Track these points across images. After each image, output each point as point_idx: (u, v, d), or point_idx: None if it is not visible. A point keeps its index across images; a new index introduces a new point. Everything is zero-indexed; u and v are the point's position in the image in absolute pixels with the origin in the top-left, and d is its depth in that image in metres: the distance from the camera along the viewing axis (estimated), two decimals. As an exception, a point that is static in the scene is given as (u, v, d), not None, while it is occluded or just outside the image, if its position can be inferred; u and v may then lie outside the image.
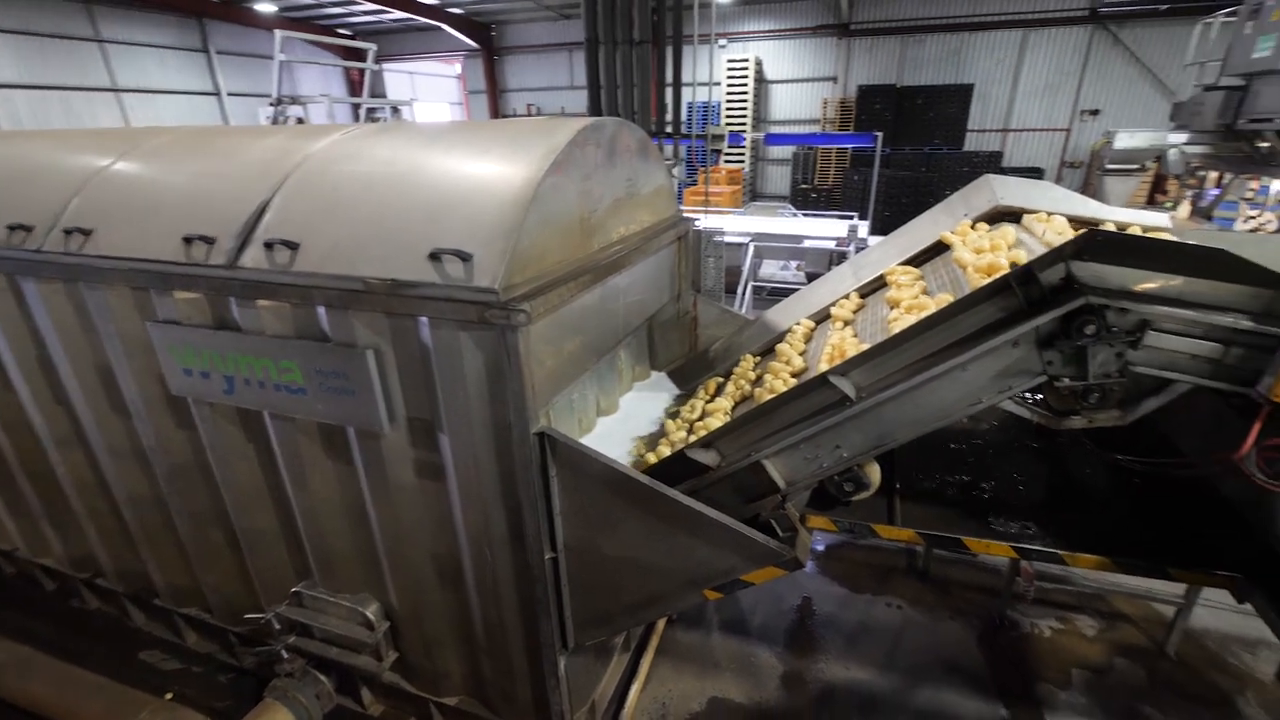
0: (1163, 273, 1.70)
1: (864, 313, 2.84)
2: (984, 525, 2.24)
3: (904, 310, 2.35)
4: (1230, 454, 1.75)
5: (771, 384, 2.54)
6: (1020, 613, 4.01)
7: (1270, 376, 1.65)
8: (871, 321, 2.61)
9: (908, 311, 2.32)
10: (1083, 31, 14.24)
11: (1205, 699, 3.45)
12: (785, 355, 2.81)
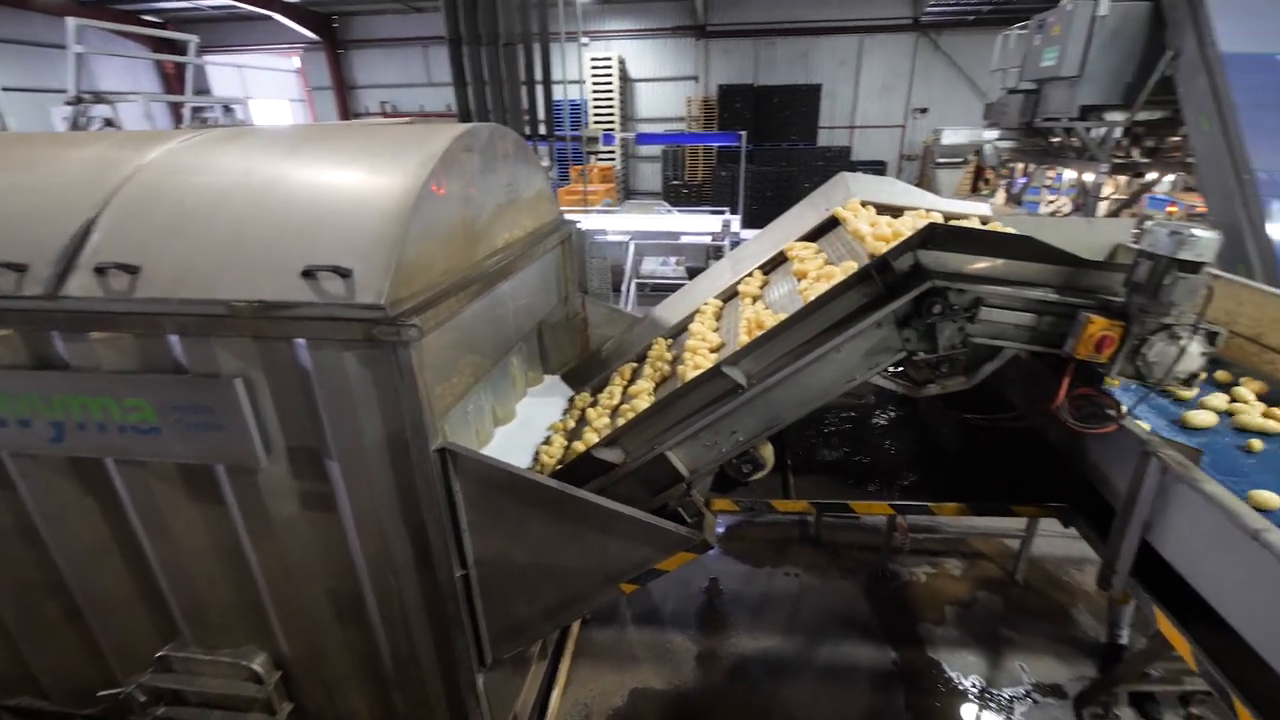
0: (988, 257, 1.98)
1: (770, 288, 3.02)
2: (865, 489, 2.49)
3: (813, 279, 2.53)
4: (1049, 405, 2.07)
5: (694, 360, 2.62)
6: (899, 564, 4.48)
7: (1073, 338, 1.98)
8: (782, 294, 2.79)
9: (816, 280, 2.50)
10: (909, 38, 15.97)
11: (1049, 614, 4.06)
12: (700, 334, 2.90)
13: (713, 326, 2.98)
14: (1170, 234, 1.83)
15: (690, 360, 2.62)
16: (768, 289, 3.04)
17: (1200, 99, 5.42)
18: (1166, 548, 1.81)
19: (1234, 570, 1.57)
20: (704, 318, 3.10)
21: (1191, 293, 1.84)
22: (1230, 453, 2.02)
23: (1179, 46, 5.62)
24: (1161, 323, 1.90)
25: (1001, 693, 3.55)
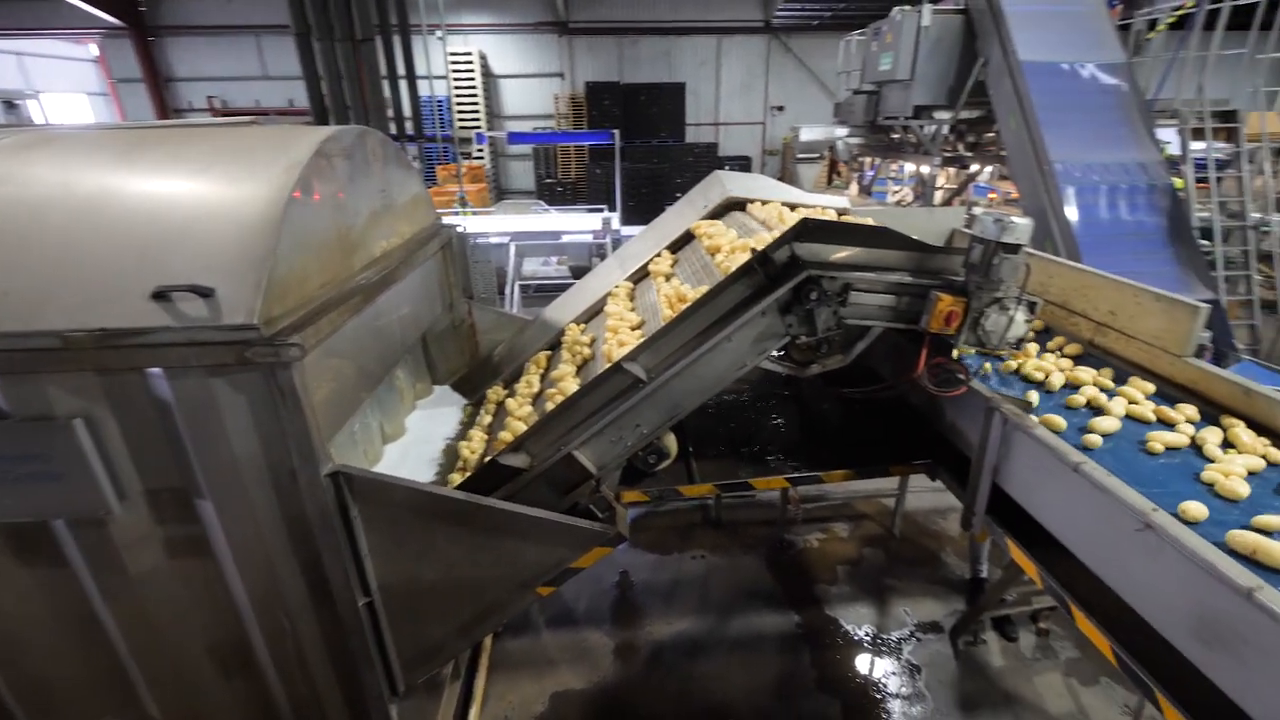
0: (853, 247, 2.20)
1: (680, 265, 3.10)
2: (762, 466, 2.66)
3: (727, 254, 2.63)
4: (911, 374, 2.34)
5: (616, 339, 2.63)
6: (794, 534, 4.81)
7: (927, 315, 2.24)
8: (697, 269, 2.88)
9: (730, 254, 2.60)
10: (762, 40, 17.00)
11: (923, 560, 4.56)
12: (618, 314, 2.90)
13: (629, 306, 3.03)
14: (995, 221, 2.13)
15: (613, 339, 2.65)
16: (678, 266, 3.15)
17: (1007, 100, 6.29)
18: (1012, 487, 2.12)
19: (1062, 498, 1.87)
20: (617, 300, 3.13)
21: (1014, 270, 2.16)
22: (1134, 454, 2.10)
23: (988, 55, 6.48)
24: (994, 297, 2.21)
25: (890, 636, 3.95)
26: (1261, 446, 2.02)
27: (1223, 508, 1.72)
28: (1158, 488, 1.79)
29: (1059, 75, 6.32)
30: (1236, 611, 1.31)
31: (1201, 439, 2.07)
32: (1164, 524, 1.50)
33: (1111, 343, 2.75)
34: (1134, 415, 2.27)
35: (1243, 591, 1.28)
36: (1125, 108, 6.34)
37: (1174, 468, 1.96)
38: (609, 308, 3.09)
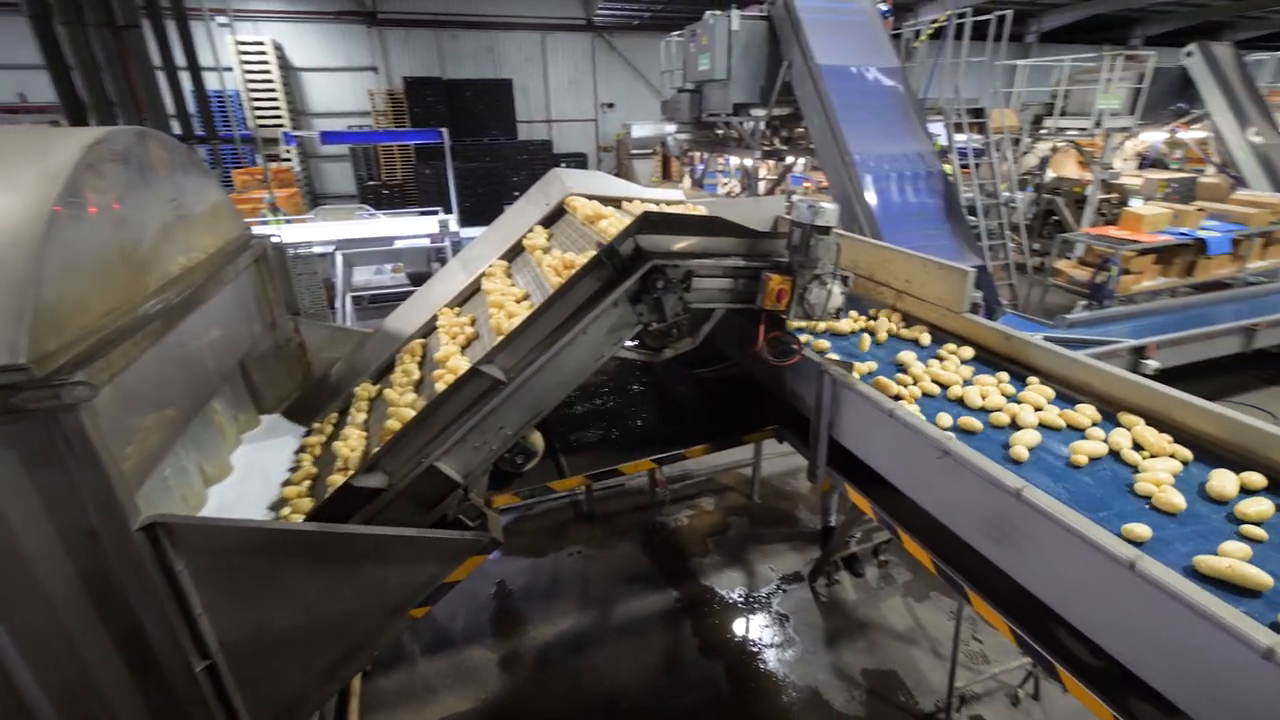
0: (692, 236, 2.35)
1: (556, 239, 3.06)
2: (629, 452, 2.75)
3: (608, 228, 2.66)
4: (753, 350, 2.56)
5: (504, 311, 2.58)
6: (665, 515, 5.03)
7: (761, 294, 2.46)
8: (575, 240, 2.87)
9: (610, 231, 2.62)
10: (586, 38, 17.28)
11: (781, 519, 5.00)
12: (495, 291, 2.79)
13: (509, 283, 2.95)
14: (809, 207, 2.40)
15: (499, 314, 2.58)
16: (554, 240, 3.12)
17: (811, 100, 7.03)
18: (845, 438, 2.41)
19: (882, 440, 2.18)
20: (493, 279, 3.03)
21: (828, 249, 2.45)
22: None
23: (791, 58, 7.19)
24: (814, 273, 2.48)
25: (760, 593, 4.29)
26: (1167, 444, 1.97)
27: (1163, 522, 1.68)
28: (1103, 510, 1.73)
29: (850, 78, 7.20)
30: (1011, 509, 1.63)
31: (1116, 444, 2.00)
32: (957, 450, 1.81)
33: (909, 305, 3.22)
34: (1046, 423, 2.17)
35: (1012, 491, 1.61)
36: (903, 106, 7.38)
37: (1106, 481, 1.87)
38: (486, 285, 3.01)
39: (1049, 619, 1.71)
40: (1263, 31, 21.27)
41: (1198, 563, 1.49)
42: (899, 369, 2.64)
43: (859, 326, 3.10)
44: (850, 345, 2.93)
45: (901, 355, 2.71)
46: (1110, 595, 1.43)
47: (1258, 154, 10.47)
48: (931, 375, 2.53)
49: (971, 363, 2.72)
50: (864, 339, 2.91)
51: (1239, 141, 10.67)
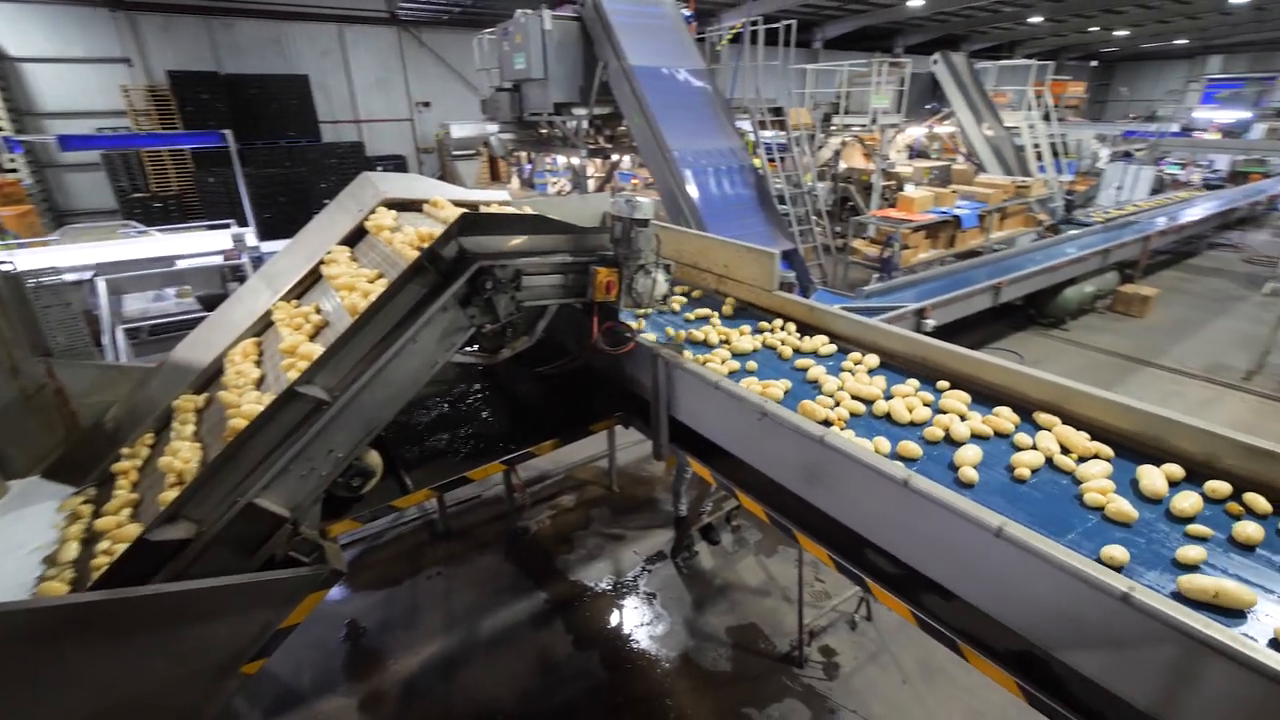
0: (516, 235, 2.38)
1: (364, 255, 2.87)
2: (477, 458, 2.72)
3: (417, 243, 2.55)
4: (590, 342, 2.66)
5: (361, 289, 2.44)
6: (526, 519, 5.00)
7: (591, 287, 2.56)
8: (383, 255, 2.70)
9: (421, 243, 2.53)
10: (391, 32, 16.31)
11: (640, 505, 5.21)
12: (343, 275, 2.59)
13: (354, 267, 2.77)
14: (626, 202, 2.55)
15: (351, 295, 2.47)
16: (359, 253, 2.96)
17: (629, 99, 7.33)
18: (682, 414, 2.60)
19: (712, 411, 2.39)
20: (336, 265, 2.81)
21: (649, 240, 2.61)
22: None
23: (606, 59, 7.42)
24: (638, 264, 2.64)
25: (627, 578, 4.45)
26: (1087, 441, 1.94)
27: (1127, 536, 1.62)
28: (1069, 531, 1.64)
29: (663, 78, 7.61)
30: (819, 454, 1.90)
31: (1047, 449, 1.94)
32: (773, 410, 2.06)
33: (730, 288, 3.52)
34: (975, 432, 2.10)
35: (816, 438, 1.87)
36: (713, 105, 7.97)
37: (1055, 495, 1.79)
38: (329, 270, 2.80)
39: (860, 544, 2.01)
40: (990, 44, 26.10)
41: (1183, 587, 1.39)
42: (814, 387, 2.47)
43: (759, 343, 2.92)
44: (765, 359, 2.80)
45: (813, 372, 2.57)
46: (895, 512, 1.72)
47: (991, 145, 12.83)
48: (850, 391, 2.37)
49: (880, 371, 2.63)
50: (783, 349, 2.82)
51: (977, 134, 12.99)
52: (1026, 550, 1.40)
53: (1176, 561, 1.50)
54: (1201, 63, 29.58)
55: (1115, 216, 11.94)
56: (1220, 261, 13.40)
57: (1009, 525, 1.45)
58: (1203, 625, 1.16)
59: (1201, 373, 7.97)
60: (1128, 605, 1.24)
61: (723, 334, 2.96)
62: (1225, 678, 1.14)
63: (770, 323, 3.09)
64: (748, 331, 3.00)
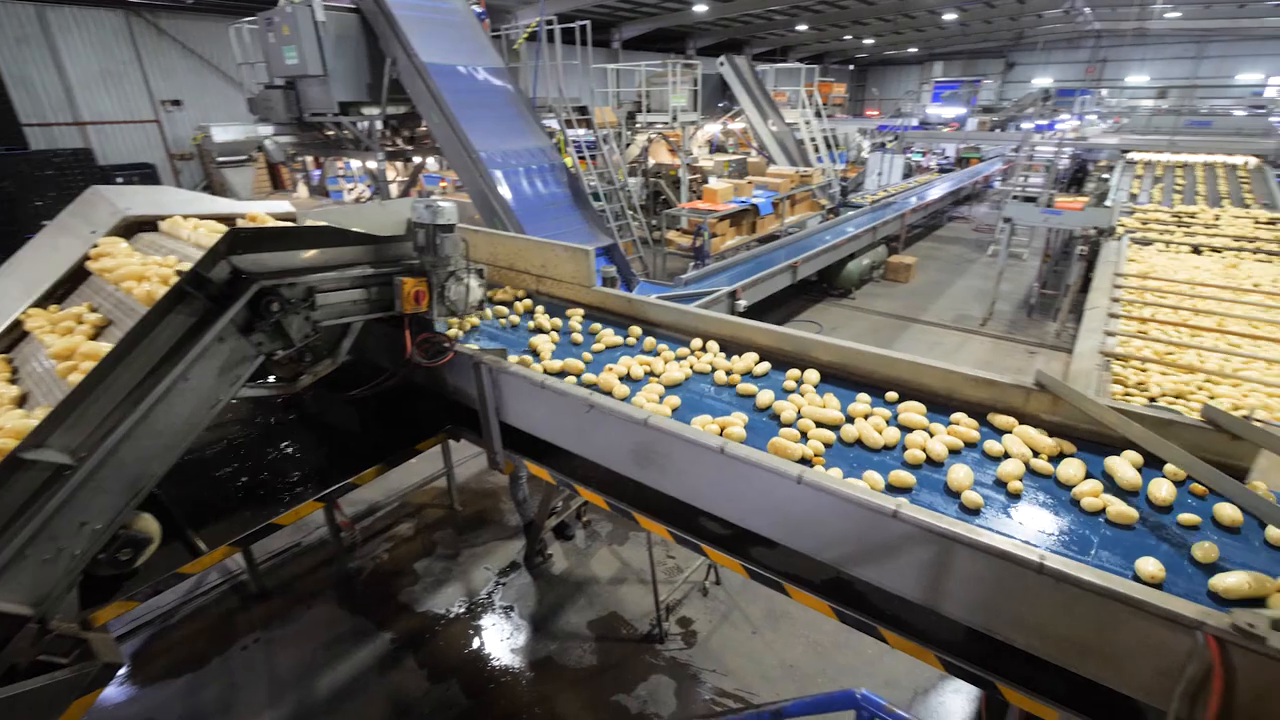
0: (301, 249, 2.17)
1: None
2: (282, 501, 2.44)
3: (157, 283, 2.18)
4: (405, 356, 2.52)
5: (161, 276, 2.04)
6: (359, 558, 4.60)
7: (398, 299, 2.43)
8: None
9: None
10: (117, 17, 13.72)
11: (487, 519, 5.05)
12: (125, 266, 2.22)
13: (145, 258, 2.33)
14: (427, 208, 2.45)
15: (141, 286, 2.11)
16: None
17: (425, 98, 6.98)
18: (512, 418, 2.57)
19: (541, 410, 2.40)
20: (113, 258, 2.35)
21: (455, 246, 2.54)
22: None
23: (394, 55, 6.99)
24: (448, 271, 2.56)
25: (480, 596, 4.31)
26: (1048, 439, 1.90)
27: (1131, 538, 1.56)
28: (1095, 550, 1.53)
29: (460, 77, 7.37)
30: (646, 436, 2.01)
31: (1023, 455, 1.85)
32: (599, 401, 2.13)
33: (549, 288, 3.55)
34: (952, 448, 1.95)
35: (640, 421, 1.98)
36: (517, 104, 7.90)
37: (1059, 508, 1.68)
38: (106, 264, 2.37)
39: (694, 514, 2.16)
40: (768, 48, 29.03)
41: (1223, 591, 1.33)
42: (768, 417, 2.21)
43: (687, 369, 2.58)
44: (700, 388, 2.48)
45: (762, 399, 2.27)
46: (718, 478, 1.88)
47: (777, 139, 14.32)
48: (811, 418, 2.13)
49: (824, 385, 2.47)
50: (718, 375, 2.51)
51: (764, 130, 14.42)
52: (822, 490, 1.62)
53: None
54: (930, 68, 35.62)
55: (879, 198, 13.99)
56: (957, 231, 16.36)
57: (807, 472, 1.67)
58: (949, 524, 1.44)
59: (952, 323, 9.70)
60: (898, 519, 1.49)
61: (645, 364, 2.57)
62: (969, 562, 1.43)
63: (689, 344, 2.78)
64: (671, 357, 2.67)
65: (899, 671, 3.76)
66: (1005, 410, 2.09)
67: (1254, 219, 6.25)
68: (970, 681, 1.66)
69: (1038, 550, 1.35)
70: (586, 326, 3.04)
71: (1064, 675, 1.41)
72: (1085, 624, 1.29)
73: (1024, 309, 10.33)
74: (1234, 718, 1.15)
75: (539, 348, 2.73)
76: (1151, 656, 1.22)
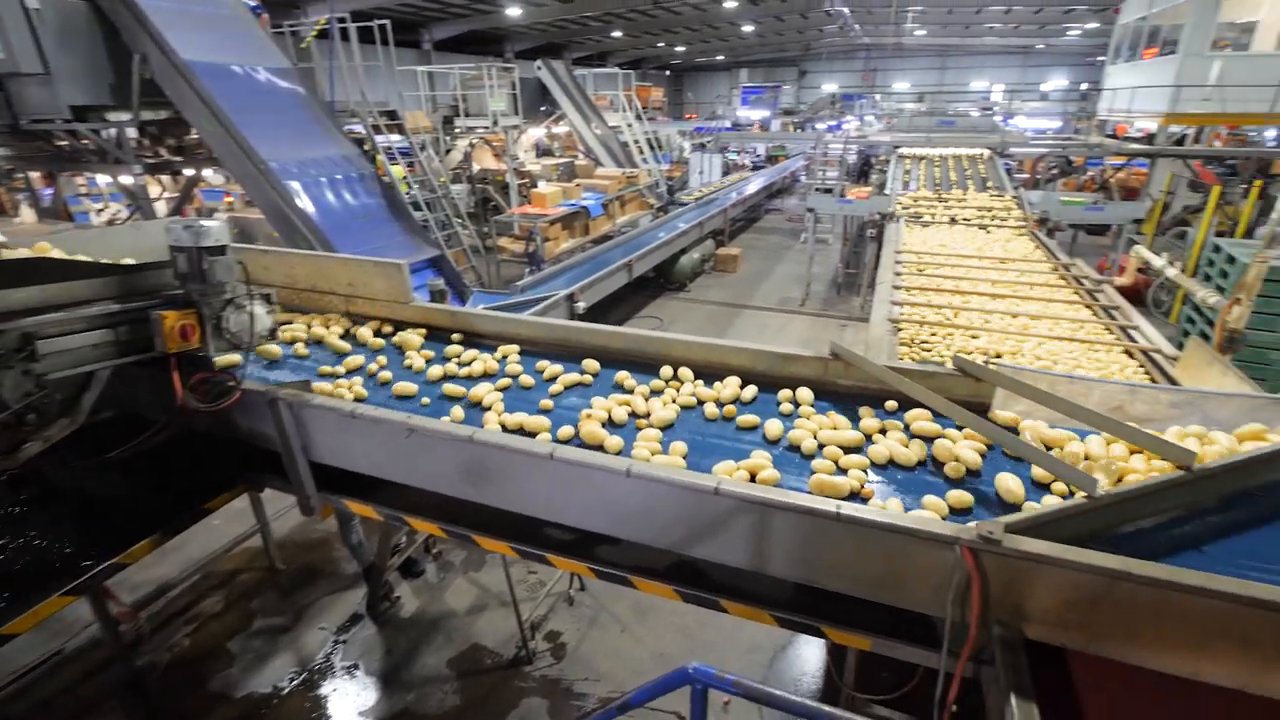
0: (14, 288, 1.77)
1: None
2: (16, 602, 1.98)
3: None
4: (177, 402, 2.16)
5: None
6: (151, 652, 3.89)
7: (159, 337, 2.07)
8: None
9: None
10: None
11: (317, 573, 4.54)
12: None
13: None
14: (185, 229, 2.11)
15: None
16: None
17: (192, 102, 6.11)
18: (324, 456, 2.31)
19: (358, 443, 2.19)
20: None
21: (230, 270, 2.22)
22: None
23: (144, 51, 6.03)
24: (225, 299, 2.24)
25: (318, 660, 3.86)
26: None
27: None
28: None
29: (237, 78, 6.55)
30: (477, 454, 1.91)
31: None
32: (420, 424, 1.98)
33: (361, 308, 3.26)
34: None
35: (464, 438, 1.88)
36: (310, 108, 7.22)
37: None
38: None
39: (537, 525, 2.09)
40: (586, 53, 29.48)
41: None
42: (787, 450, 1.93)
43: (674, 404, 2.21)
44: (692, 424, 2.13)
45: (770, 429, 1.99)
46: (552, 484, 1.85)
47: (601, 142, 14.61)
48: (833, 443, 1.88)
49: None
50: (709, 409, 2.16)
51: (588, 133, 14.65)
52: (649, 479, 1.66)
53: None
54: (737, 74, 38.54)
55: (703, 195, 14.85)
56: (774, 222, 17.89)
57: (635, 464, 1.69)
58: (762, 491, 1.56)
59: (777, 306, 10.58)
60: (720, 495, 1.57)
61: (624, 402, 2.18)
62: (783, 523, 1.55)
63: (660, 375, 2.41)
64: (645, 392, 2.28)
65: (760, 636, 4.01)
66: (809, 379, 2.28)
67: (989, 195, 7.98)
68: (801, 630, 1.82)
69: (834, 501, 1.49)
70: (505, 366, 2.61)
71: (872, 607, 1.58)
72: (877, 559, 1.47)
73: (834, 288, 11.55)
74: (991, 609, 1.36)
75: (483, 400, 2.29)
76: (928, 575, 1.41)
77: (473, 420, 2.16)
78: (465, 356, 2.69)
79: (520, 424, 2.09)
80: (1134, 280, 8.92)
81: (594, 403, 2.20)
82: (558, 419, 2.15)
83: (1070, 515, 1.39)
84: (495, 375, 2.53)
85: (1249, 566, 1.36)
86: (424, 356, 2.70)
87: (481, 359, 2.61)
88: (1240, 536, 1.45)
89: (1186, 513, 1.49)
